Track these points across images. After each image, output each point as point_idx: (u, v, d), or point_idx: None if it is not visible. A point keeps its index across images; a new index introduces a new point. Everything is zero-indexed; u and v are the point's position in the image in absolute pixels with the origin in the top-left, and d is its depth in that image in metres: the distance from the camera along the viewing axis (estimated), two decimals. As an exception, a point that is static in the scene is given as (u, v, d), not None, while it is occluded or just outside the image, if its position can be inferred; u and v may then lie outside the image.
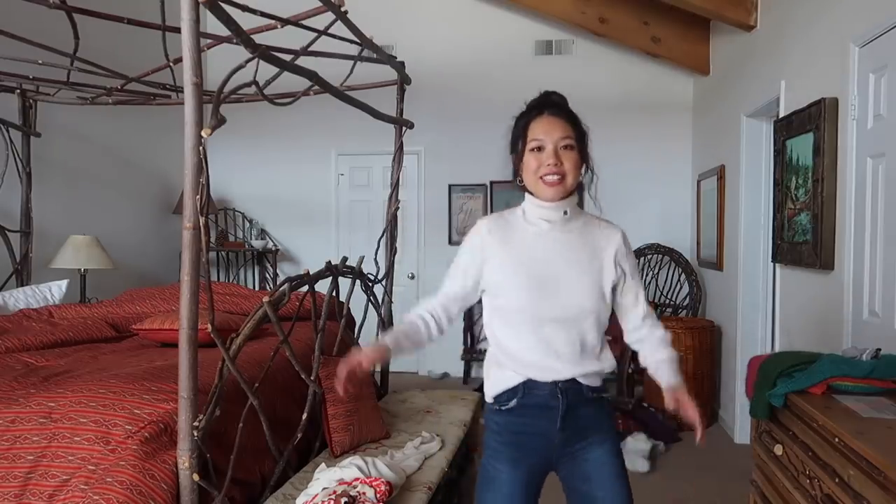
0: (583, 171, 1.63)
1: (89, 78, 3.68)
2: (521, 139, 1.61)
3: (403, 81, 3.62)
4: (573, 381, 1.59)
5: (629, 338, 1.75)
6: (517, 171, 1.65)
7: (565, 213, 1.61)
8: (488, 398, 1.66)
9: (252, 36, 2.03)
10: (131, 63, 3.66)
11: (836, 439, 1.65)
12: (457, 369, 5.90)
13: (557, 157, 1.56)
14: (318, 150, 6.08)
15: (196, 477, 1.80)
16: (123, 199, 5.12)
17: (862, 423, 1.65)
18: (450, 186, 5.88)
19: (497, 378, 1.64)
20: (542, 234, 1.62)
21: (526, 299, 1.58)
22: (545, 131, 1.58)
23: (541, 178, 1.57)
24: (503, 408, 1.62)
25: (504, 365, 1.62)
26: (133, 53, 4.01)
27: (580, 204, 1.68)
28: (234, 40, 1.98)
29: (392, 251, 3.53)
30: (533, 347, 1.58)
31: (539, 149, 1.58)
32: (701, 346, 4.52)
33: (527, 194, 1.65)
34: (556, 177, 1.56)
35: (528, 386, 1.59)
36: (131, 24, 2.94)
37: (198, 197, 1.75)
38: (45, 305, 3.58)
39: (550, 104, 1.62)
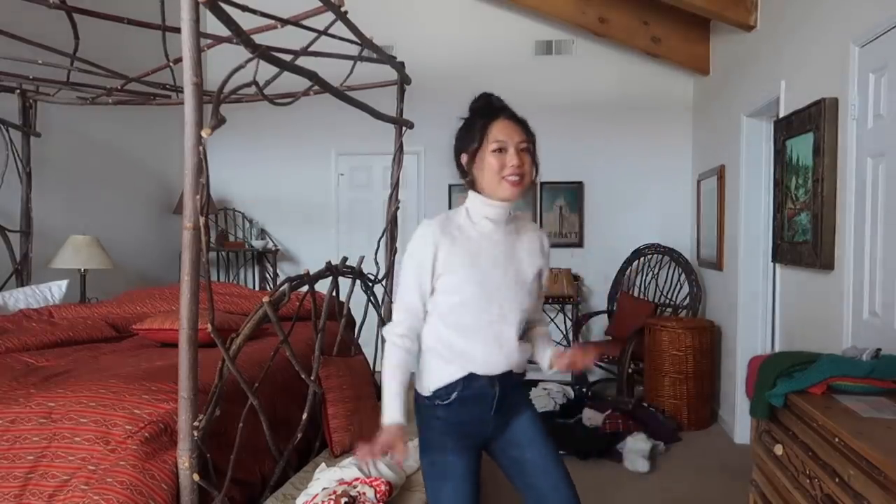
0: (534, 173, 1.71)
1: (89, 78, 3.68)
2: (480, 140, 1.65)
3: (403, 81, 3.62)
4: (507, 370, 1.69)
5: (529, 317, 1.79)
6: (467, 170, 1.69)
7: (510, 213, 1.70)
8: (426, 393, 1.69)
9: (252, 36, 2.03)
10: (131, 63, 3.66)
11: (836, 439, 1.65)
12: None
13: (520, 158, 1.64)
14: (318, 150, 6.08)
15: (196, 477, 1.80)
16: (123, 199, 5.12)
17: (862, 423, 1.65)
18: (450, 186, 5.87)
19: (439, 373, 1.67)
20: (486, 235, 1.69)
21: (472, 295, 1.64)
22: (506, 133, 1.64)
23: (504, 177, 1.63)
24: (442, 402, 1.66)
25: (449, 360, 1.66)
26: (133, 53, 4.01)
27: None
28: (234, 40, 1.98)
29: (392, 251, 3.54)
30: (478, 342, 1.65)
31: (501, 150, 1.64)
32: (701, 346, 4.51)
33: (473, 193, 1.70)
34: (518, 177, 1.64)
35: (468, 379, 1.65)
36: (131, 24, 2.95)
37: (198, 197, 1.75)
38: (45, 305, 3.59)
39: (501, 108, 1.69)
